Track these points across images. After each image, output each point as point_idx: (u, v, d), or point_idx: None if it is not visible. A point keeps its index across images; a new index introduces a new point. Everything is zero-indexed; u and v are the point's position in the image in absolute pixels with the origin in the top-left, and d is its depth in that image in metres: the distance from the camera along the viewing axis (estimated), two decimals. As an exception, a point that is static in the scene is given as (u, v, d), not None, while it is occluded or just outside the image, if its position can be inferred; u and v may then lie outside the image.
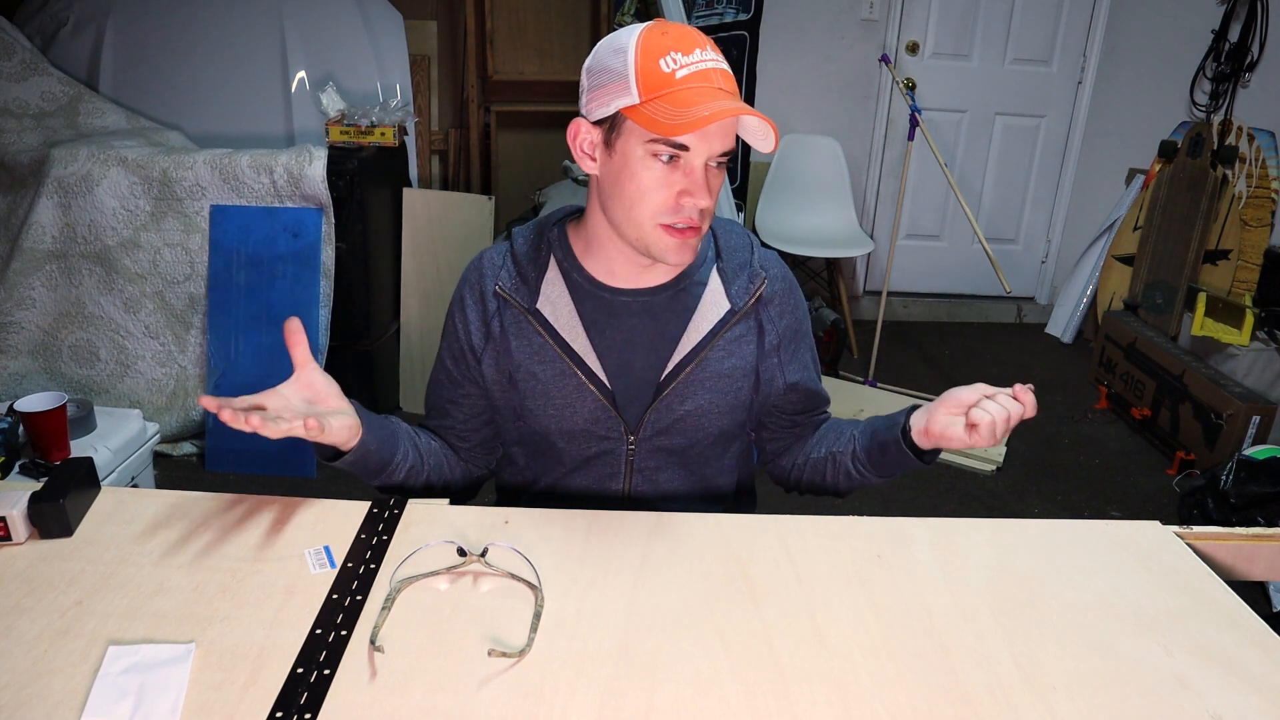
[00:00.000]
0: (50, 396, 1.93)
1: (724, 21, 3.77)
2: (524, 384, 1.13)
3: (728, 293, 1.13)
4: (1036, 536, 1.05)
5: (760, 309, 1.16)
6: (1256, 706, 0.80)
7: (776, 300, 1.17)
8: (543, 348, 1.11)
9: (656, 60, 0.97)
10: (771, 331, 1.16)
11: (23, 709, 0.74)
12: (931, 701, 0.79)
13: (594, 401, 1.12)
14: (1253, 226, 3.48)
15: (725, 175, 1.05)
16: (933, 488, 2.81)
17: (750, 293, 1.14)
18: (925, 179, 4.07)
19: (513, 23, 3.57)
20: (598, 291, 1.11)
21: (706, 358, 1.13)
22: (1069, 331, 4.04)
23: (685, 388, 1.13)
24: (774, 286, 1.17)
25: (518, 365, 1.12)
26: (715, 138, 0.98)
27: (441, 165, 3.54)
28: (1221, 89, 3.56)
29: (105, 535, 0.97)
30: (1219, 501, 2.47)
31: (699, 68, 0.97)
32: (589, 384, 1.11)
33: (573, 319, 1.11)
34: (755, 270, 1.15)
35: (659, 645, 0.84)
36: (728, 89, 0.98)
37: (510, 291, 1.11)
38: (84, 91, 2.87)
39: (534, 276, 1.12)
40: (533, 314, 1.11)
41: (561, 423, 1.13)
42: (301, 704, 0.75)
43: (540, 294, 1.11)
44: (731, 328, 1.13)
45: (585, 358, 1.11)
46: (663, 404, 1.13)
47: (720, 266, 1.14)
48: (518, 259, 1.14)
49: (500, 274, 1.13)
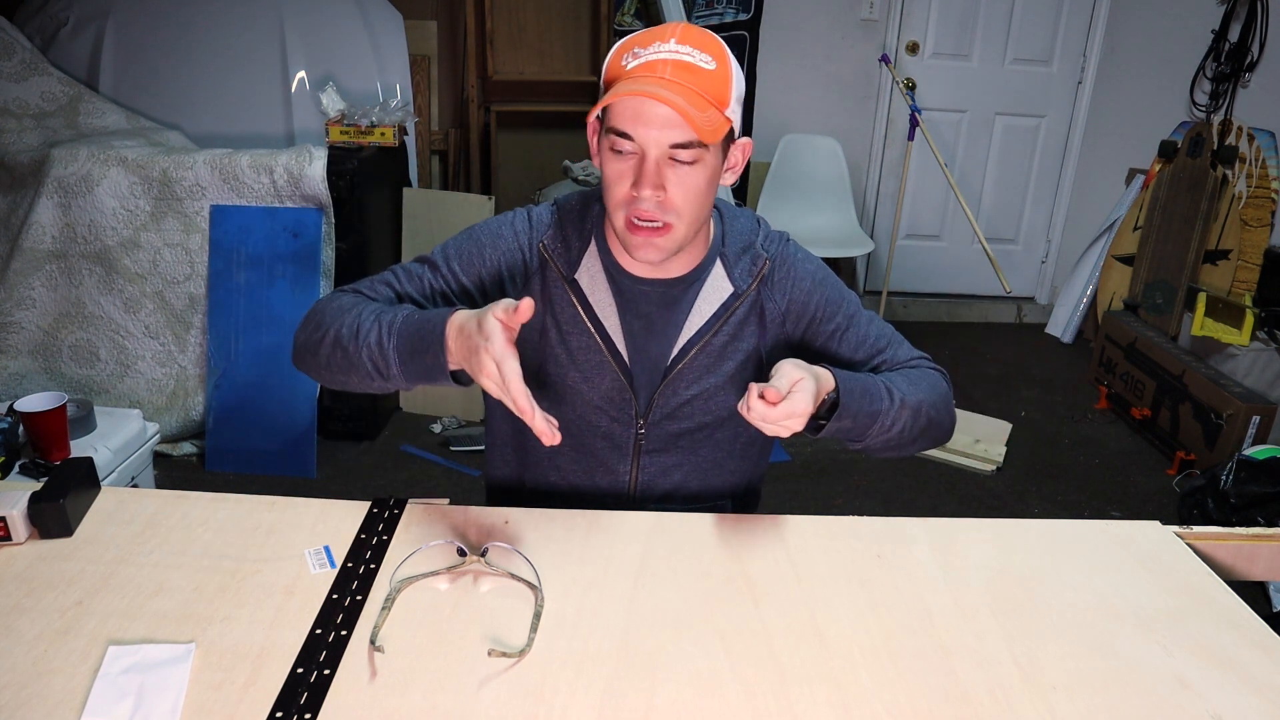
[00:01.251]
0: (50, 396, 1.93)
1: (724, 21, 3.77)
2: (550, 347, 1.14)
3: (730, 276, 1.14)
4: (1036, 536, 1.05)
5: (762, 289, 1.15)
6: (1256, 706, 0.80)
7: (777, 278, 1.16)
8: (575, 318, 1.12)
9: (620, 56, 1.02)
10: (773, 310, 1.16)
11: (23, 709, 0.74)
12: (931, 701, 0.79)
13: (613, 378, 1.13)
14: (1253, 226, 3.48)
15: (704, 172, 1.01)
16: (933, 488, 2.81)
17: (753, 274, 1.14)
18: (925, 179, 4.07)
19: (513, 23, 3.57)
20: (621, 278, 1.13)
21: (711, 342, 1.13)
22: (1069, 331, 4.04)
23: (690, 372, 1.14)
24: (777, 265, 1.16)
25: (548, 328, 1.13)
26: (658, 127, 0.97)
27: (441, 165, 3.54)
28: (1221, 89, 3.56)
29: (105, 535, 0.96)
30: (1219, 501, 2.47)
31: (648, 59, 0.98)
32: (611, 361, 1.12)
33: (606, 296, 1.13)
34: (757, 252, 1.15)
35: (659, 645, 0.84)
36: (676, 79, 0.97)
37: (552, 253, 1.13)
38: (84, 91, 2.87)
39: (577, 247, 1.13)
40: (570, 283, 1.12)
41: (580, 392, 1.14)
42: (301, 704, 0.75)
43: (580, 265, 1.12)
44: (736, 311, 1.14)
45: (614, 335, 1.12)
46: (669, 387, 1.14)
47: (723, 252, 1.15)
48: (564, 224, 1.14)
49: (547, 233, 1.14)
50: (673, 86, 0.96)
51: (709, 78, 0.99)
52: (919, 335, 4.02)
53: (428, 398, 3.03)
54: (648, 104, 0.97)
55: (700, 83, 0.98)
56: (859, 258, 4.13)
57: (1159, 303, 3.60)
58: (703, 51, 0.99)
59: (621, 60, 1.01)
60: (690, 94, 0.97)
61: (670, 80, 0.97)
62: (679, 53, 0.98)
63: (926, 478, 2.87)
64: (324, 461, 2.70)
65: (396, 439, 2.89)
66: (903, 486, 2.81)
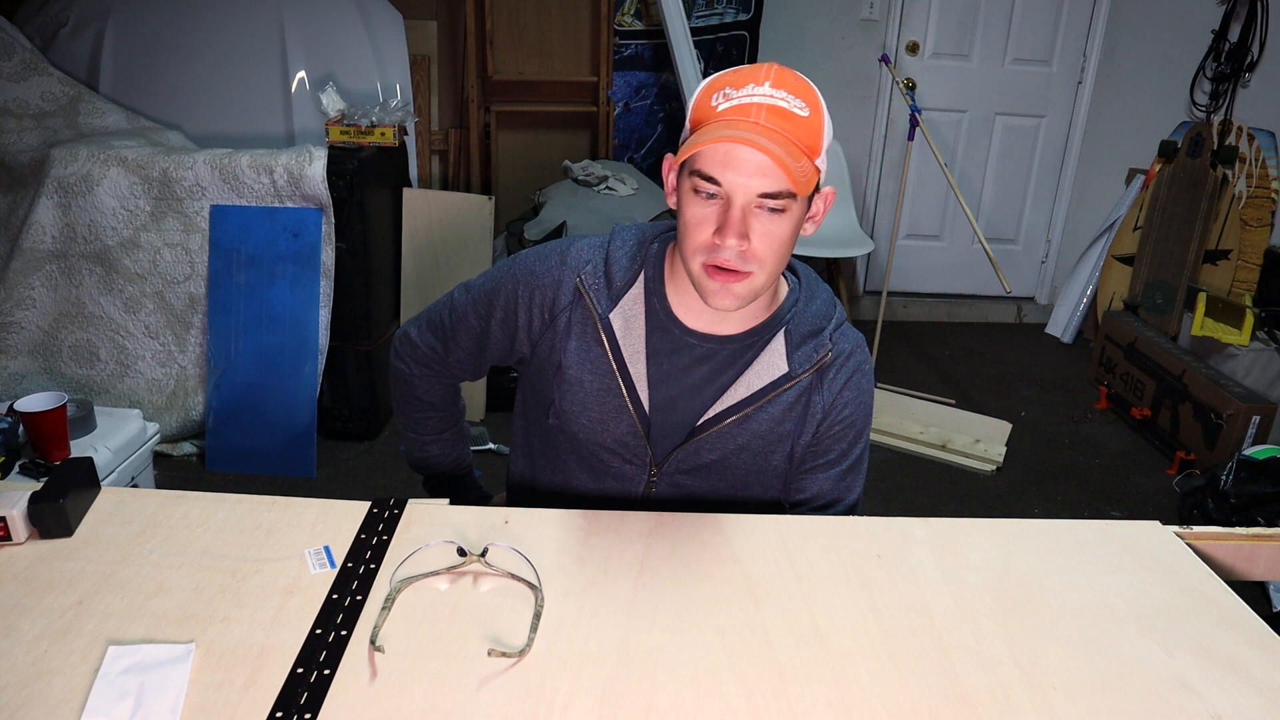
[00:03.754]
0: (50, 396, 1.93)
1: (724, 21, 3.77)
2: (567, 385, 1.11)
3: (789, 356, 1.09)
4: (1036, 536, 1.05)
5: (818, 380, 1.11)
6: (1256, 706, 0.80)
7: (830, 375, 1.11)
8: (600, 358, 1.09)
9: (710, 95, 0.97)
10: (818, 406, 1.11)
11: (23, 709, 0.74)
12: (931, 701, 0.79)
13: (629, 426, 1.10)
14: (1253, 226, 3.47)
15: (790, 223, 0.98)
16: (933, 488, 2.81)
17: (813, 361, 1.09)
18: (925, 179, 4.07)
19: (513, 23, 3.57)
20: (670, 325, 1.09)
21: (749, 415, 1.09)
22: (1069, 331, 4.04)
23: (719, 438, 1.10)
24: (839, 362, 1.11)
25: (569, 365, 1.11)
26: (749, 175, 0.93)
27: (441, 165, 3.53)
28: (1221, 89, 3.56)
29: (105, 535, 0.96)
30: (1219, 501, 2.47)
31: (741, 101, 0.94)
32: (630, 407, 1.09)
33: (639, 342, 1.09)
34: (823, 340, 1.10)
35: (659, 645, 0.84)
36: (771, 126, 0.93)
37: (590, 290, 1.09)
38: (84, 91, 2.87)
39: (619, 286, 1.09)
40: (603, 322, 1.08)
41: (593, 434, 1.12)
42: (301, 704, 0.75)
43: (618, 306, 1.09)
44: (784, 393, 1.09)
45: (637, 383, 1.09)
46: (692, 447, 1.11)
47: (788, 330, 1.10)
48: (610, 261, 1.11)
49: (587, 267, 1.10)
50: (767, 134, 0.92)
51: (803, 125, 0.95)
52: (919, 335, 4.05)
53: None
54: (739, 150, 0.92)
55: (795, 131, 0.94)
56: (859, 258, 4.13)
57: (1159, 303, 3.60)
58: (798, 97, 0.95)
59: (711, 100, 0.96)
60: (785, 142, 0.93)
61: (765, 126, 0.93)
62: (774, 97, 0.94)
63: (926, 478, 2.87)
64: (324, 461, 2.70)
65: (396, 439, 2.89)
66: (903, 486, 2.81)
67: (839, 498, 1.17)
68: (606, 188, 3.28)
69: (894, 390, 3.39)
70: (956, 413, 3.25)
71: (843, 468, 1.15)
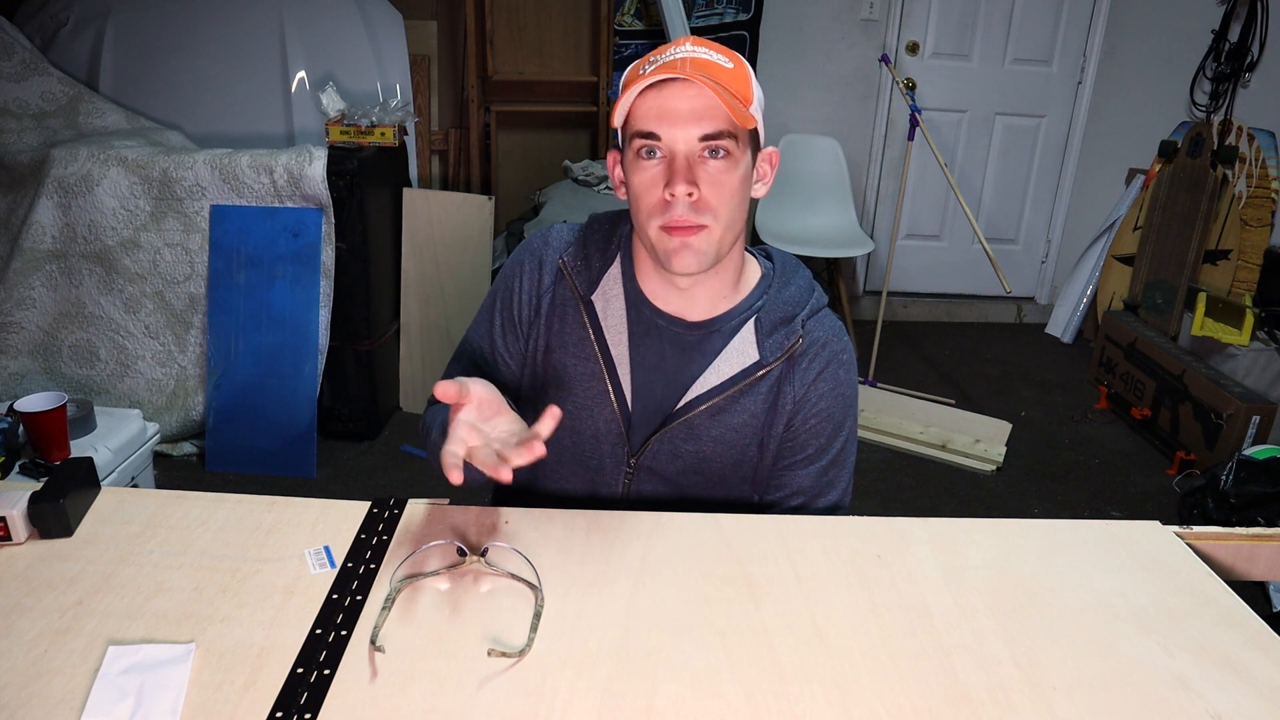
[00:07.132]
0: (50, 396, 1.93)
1: (724, 21, 3.77)
2: (551, 371, 1.11)
3: (759, 344, 1.07)
4: (1036, 536, 1.05)
5: (788, 369, 1.08)
6: (1256, 706, 0.80)
7: (803, 364, 1.08)
8: (583, 341, 1.08)
9: (639, 67, 0.99)
10: (787, 395, 1.08)
11: (23, 709, 0.74)
12: (931, 701, 0.79)
13: (610, 414, 1.09)
14: (1253, 226, 3.48)
15: (736, 171, 0.98)
16: (933, 488, 2.81)
17: (784, 349, 1.07)
18: (925, 179, 4.07)
19: (513, 23, 3.57)
20: (642, 306, 1.08)
21: (723, 406, 1.07)
22: (1069, 331, 4.04)
23: (690, 428, 1.09)
24: (813, 350, 1.08)
25: (553, 349, 1.10)
26: (685, 122, 0.94)
27: (441, 165, 3.54)
28: (1221, 89, 3.56)
29: (105, 535, 0.96)
30: (1219, 501, 2.47)
31: (667, 59, 0.96)
32: (612, 395, 1.09)
33: (621, 323, 1.08)
34: (794, 327, 1.08)
35: (659, 645, 0.84)
36: (697, 73, 0.94)
37: (572, 270, 1.09)
38: (84, 91, 2.87)
39: (598, 267, 1.09)
40: (585, 304, 1.08)
41: (574, 421, 1.11)
42: (301, 704, 0.75)
43: (598, 287, 1.09)
44: (757, 382, 1.07)
45: (619, 367, 1.08)
46: (666, 436, 1.09)
47: (759, 317, 1.08)
48: (588, 242, 1.11)
49: (568, 250, 1.10)
50: (695, 77, 0.93)
51: (730, 74, 0.97)
52: (919, 335, 4.06)
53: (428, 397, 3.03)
54: (672, 100, 0.94)
55: (722, 78, 0.95)
56: (859, 258, 4.13)
57: (1159, 303, 3.60)
58: (719, 53, 0.98)
59: (638, 71, 0.98)
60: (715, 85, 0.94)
61: (692, 73, 0.93)
62: (695, 52, 0.96)
63: (926, 478, 2.87)
64: (324, 461, 2.70)
65: (396, 439, 2.89)
66: (903, 486, 2.81)
67: (819, 494, 1.14)
68: (606, 188, 3.28)
69: (894, 390, 3.39)
70: (956, 413, 3.25)
71: (822, 464, 1.12)
